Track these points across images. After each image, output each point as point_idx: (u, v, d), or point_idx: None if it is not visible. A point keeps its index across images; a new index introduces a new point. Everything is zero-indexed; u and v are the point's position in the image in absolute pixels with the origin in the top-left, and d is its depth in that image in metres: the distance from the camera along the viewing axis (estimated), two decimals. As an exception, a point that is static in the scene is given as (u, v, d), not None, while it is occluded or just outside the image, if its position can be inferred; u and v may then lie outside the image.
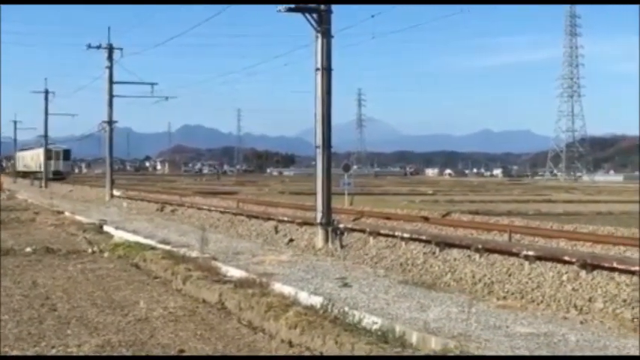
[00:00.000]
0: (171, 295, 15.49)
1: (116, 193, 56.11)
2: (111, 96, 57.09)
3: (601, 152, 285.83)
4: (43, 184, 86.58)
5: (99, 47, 56.34)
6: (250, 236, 28.05)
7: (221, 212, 34.88)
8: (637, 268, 14.09)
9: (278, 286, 15.87)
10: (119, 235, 27.58)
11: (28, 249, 22.59)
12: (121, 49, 56.40)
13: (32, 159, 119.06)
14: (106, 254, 21.87)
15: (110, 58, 56.41)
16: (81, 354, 10.63)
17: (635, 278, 14.09)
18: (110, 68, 56.64)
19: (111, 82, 56.75)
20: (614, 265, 14.74)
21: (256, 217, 30.85)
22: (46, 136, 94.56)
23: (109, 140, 59.03)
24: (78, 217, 36.40)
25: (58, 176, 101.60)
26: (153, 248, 21.93)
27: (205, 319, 13.10)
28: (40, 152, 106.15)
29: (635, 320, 13.00)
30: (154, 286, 16.63)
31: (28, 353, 10.64)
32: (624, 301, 13.75)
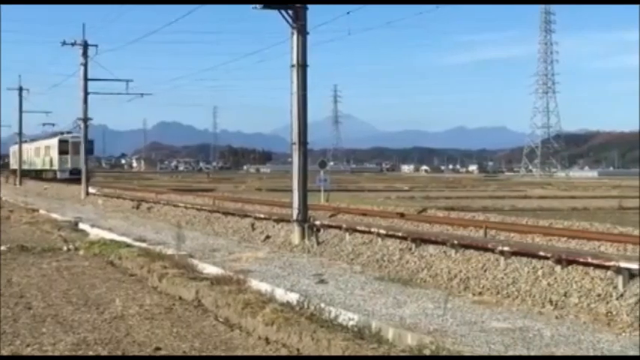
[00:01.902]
0: (147, 292, 15.43)
1: (92, 190, 55.82)
2: (86, 93, 56.67)
3: (576, 148, 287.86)
4: (17, 182, 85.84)
5: (74, 44, 55.91)
6: (227, 233, 28.01)
7: (197, 210, 34.79)
8: (612, 263, 14.18)
9: (255, 283, 15.86)
10: (95, 233, 27.47)
11: (3, 247, 22.42)
12: (96, 45, 55.95)
13: (39, 154, 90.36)
14: (81, 252, 21.75)
15: (85, 54, 56.03)
16: (56, 353, 10.57)
17: (609, 273, 14.18)
18: (85, 65, 56.23)
19: (86, 79, 56.34)
20: (589, 260, 14.83)
21: (233, 215, 30.79)
22: (20, 133, 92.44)
23: (84, 138, 58.69)
24: (53, 215, 36.21)
25: (76, 176, 67.31)
26: (129, 246, 21.84)
27: (182, 317, 13.06)
28: (50, 144, 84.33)
29: (609, 314, 13.09)
30: (129, 283, 16.56)
31: (3, 352, 10.56)
32: (599, 295, 13.84)
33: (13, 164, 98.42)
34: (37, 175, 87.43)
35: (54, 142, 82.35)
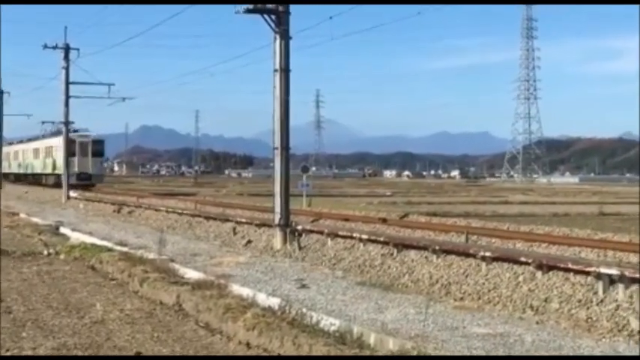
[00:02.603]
0: (128, 297, 15.38)
1: (73, 194, 55.56)
2: (67, 97, 56.43)
3: (557, 154, 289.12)
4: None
5: (55, 47, 55.73)
6: (208, 238, 27.95)
7: (179, 214, 34.71)
8: (592, 268, 14.24)
9: (236, 288, 15.83)
10: (75, 237, 27.33)
11: (-17, 251, 22.28)
12: (78, 49, 55.74)
13: (38, 155, 78.90)
14: (62, 256, 21.64)
15: (67, 58, 55.84)
16: (36, 357, 10.52)
17: (589, 279, 14.24)
18: (67, 69, 56.04)
19: (67, 82, 56.14)
20: (570, 265, 14.88)
21: (214, 219, 30.74)
22: (0, 136, 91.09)
23: (65, 141, 58.35)
24: (34, 219, 36.01)
25: (86, 182, 64.94)
26: (110, 250, 21.74)
27: (162, 321, 13.02)
28: (54, 145, 70.91)
29: (590, 320, 13.14)
30: (110, 288, 16.50)
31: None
32: (579, 301, 13.89)
33: (11, 168, 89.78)
34: (36, 179, 76.96)
35: (57, 141, 67.05)
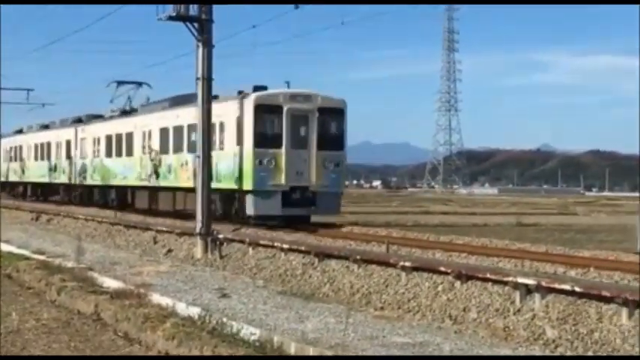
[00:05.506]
0: (45, 306, 15.13)
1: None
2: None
3: (477, 166, 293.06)
4: None
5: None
6: (128, 246, 27.65)
7: (98, 222, 34.24)
8: (510, 278, 14.46)
9: (156, 297, 15.68)
10: (-9, 245, 26.73)
11: None
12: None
13: (49, 153, 50.13)
14: (-24, 264, 21.18)
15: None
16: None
17: (507, 288, 14.45)
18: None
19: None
20: (488, 275, 15.08)
21: (135, 227, 30.41)
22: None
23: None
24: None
25: None
26: (27, 258, 21.37)
27: (80, 331, 12.84)
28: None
29: (507, 329, 13.34)
30: (27, 297, 16.21)
31: None
32: (497, 310, 14.09)
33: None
34: (45, 191, 53.44)
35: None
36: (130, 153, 37.88)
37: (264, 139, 27.19)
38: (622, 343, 11.91)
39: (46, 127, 53.06)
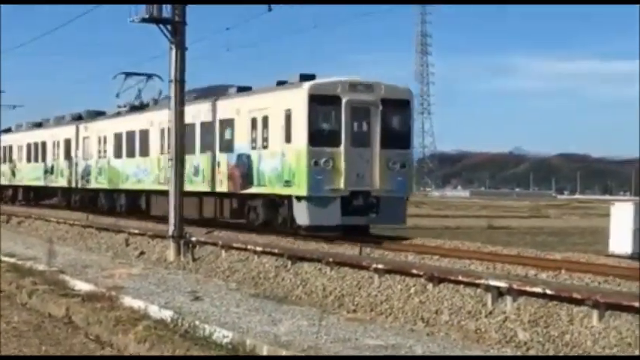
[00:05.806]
0: (15, 309, 15.04)
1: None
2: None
3: (449, 168, 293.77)
4: None
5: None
6: (100, 249, 27.51)
7: (70, 225, 34.03)
8: (481, 281, 14.53)
9: (128, 300, 15.62)
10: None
11: None
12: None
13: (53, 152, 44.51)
14: (-54, 268, 21.00)
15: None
16: None
17: (479, 291, 14.52)
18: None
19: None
20: (460, 278, 15.15)
21: (107, 230, 30.27)
22: None
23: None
24: None
25: None
26: (-3, 261, 21.22)
27: (51, 334, 12.77)
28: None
29: (479, 331, 13.41)
30: (-3, 300, 16.10)
31: None
32: (469, 313, 14.15)
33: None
34: (39, 195, 49.30)
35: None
36: (144, 153, 33.32)
37: (320, 136, 23.50)
38: (593, 345, 12.00)
39: (39, 125, 48.32)
